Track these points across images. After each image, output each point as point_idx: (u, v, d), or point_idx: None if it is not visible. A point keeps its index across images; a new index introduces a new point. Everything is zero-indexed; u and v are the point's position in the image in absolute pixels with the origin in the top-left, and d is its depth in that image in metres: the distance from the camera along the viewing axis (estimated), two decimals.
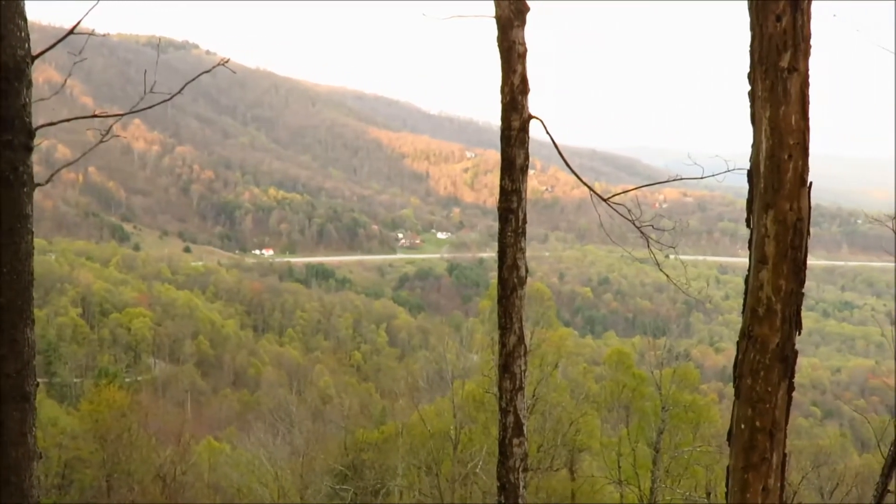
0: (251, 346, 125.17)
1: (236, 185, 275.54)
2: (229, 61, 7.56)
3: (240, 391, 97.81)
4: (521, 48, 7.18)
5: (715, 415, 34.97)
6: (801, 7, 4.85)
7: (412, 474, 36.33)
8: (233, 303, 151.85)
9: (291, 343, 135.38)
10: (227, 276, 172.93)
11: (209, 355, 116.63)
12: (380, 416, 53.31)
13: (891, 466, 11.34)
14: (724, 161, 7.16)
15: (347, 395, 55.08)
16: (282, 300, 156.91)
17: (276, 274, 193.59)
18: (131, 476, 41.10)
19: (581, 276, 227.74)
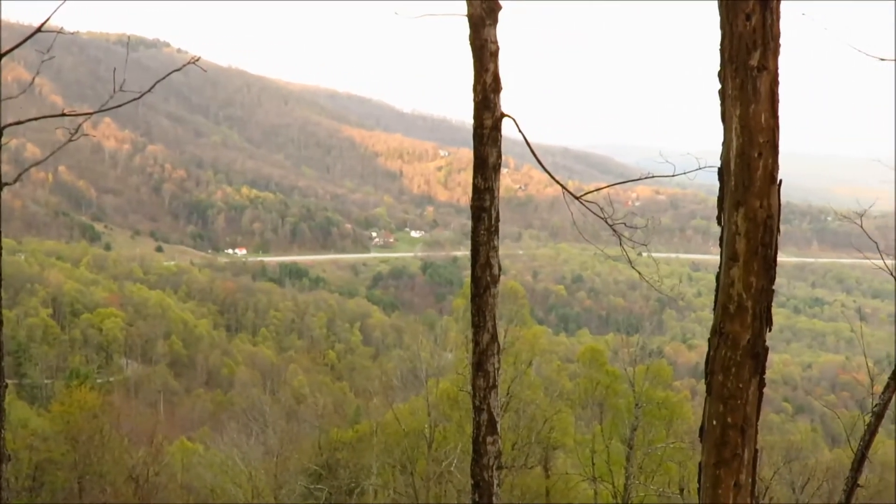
0: (224, 345, 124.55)
1: (208, 184, 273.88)
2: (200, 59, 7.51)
3: (213, 391, 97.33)
4: (493, 46, 7.18)
5: (688, 411, 35.19)
6: (771, 6, 4.88)
7: (387, 473, 36.29)
8: (206, 302, 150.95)
9: (265, 343, 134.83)
10: (199, 275, 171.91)
11: (182, 355, 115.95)
12: (354, 416, 53.23)
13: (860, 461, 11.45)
14: (696, 159, 7.20)
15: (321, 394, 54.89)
16: (255, 300, 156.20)
17: (249, 273, 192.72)
18: (103, 477, 40.80)
19: (554, 273, 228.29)
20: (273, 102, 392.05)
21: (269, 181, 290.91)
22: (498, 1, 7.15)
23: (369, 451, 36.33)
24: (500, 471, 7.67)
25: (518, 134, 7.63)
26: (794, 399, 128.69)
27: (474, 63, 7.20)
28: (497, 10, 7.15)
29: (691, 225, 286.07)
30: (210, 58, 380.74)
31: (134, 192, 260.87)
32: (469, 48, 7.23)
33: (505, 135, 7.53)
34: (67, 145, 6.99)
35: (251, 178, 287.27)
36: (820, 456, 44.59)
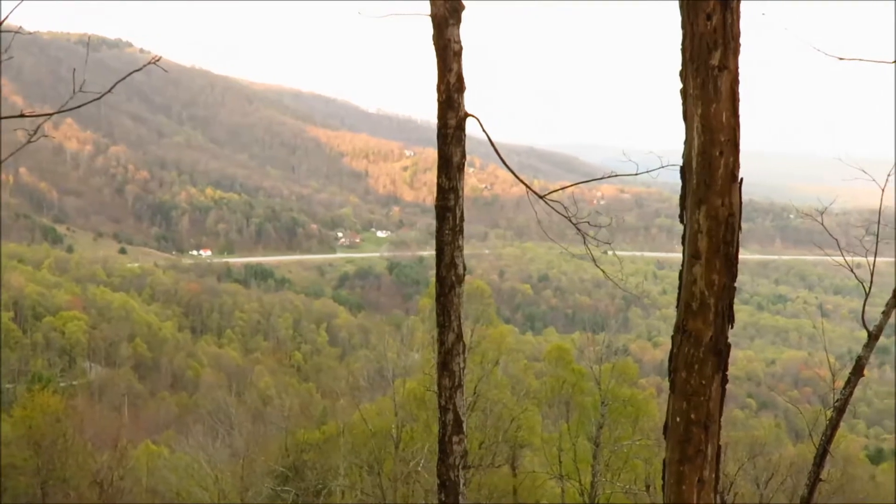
0: (189, 347, 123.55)
1: (172, 185, 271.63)
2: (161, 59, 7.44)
3: (178, 394, 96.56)
4: (456, 46, 7.19)
5: (653, 408, 35.45)
6: (731, 6, 4.93)
7: (354, 474, 36.20)
8: (170, 304, 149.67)
9: (230, 344, 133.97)
10: (163, 277, 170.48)
11: (146, 358, 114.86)
12: (321, 417, 53.02)
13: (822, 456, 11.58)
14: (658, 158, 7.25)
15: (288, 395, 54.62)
16: (220, 301, 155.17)
17: (214, 275, 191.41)
18: (67, 482, 40.38)
19: (521, 273, 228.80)
20: (237, 102, 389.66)
21: (234, 182, 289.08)
22: (461, 1, 7.16)
23: (336, 452, 36.22)
24: (467, 470, 7.68)
25: (483, 133, 7.64)
26: (758, 395, 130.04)
27: (438, 63, 7.20)
28: (460, 10, 7.16)
29: (656, 223, 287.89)
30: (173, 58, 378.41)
31: (96, 193, 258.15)
32: (433, 48, 7.24)
33: (470, 134, 7.54)
34: (28, 147, 6.89)
35: (215, 179, 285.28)
36: (783, 451, 45.11)
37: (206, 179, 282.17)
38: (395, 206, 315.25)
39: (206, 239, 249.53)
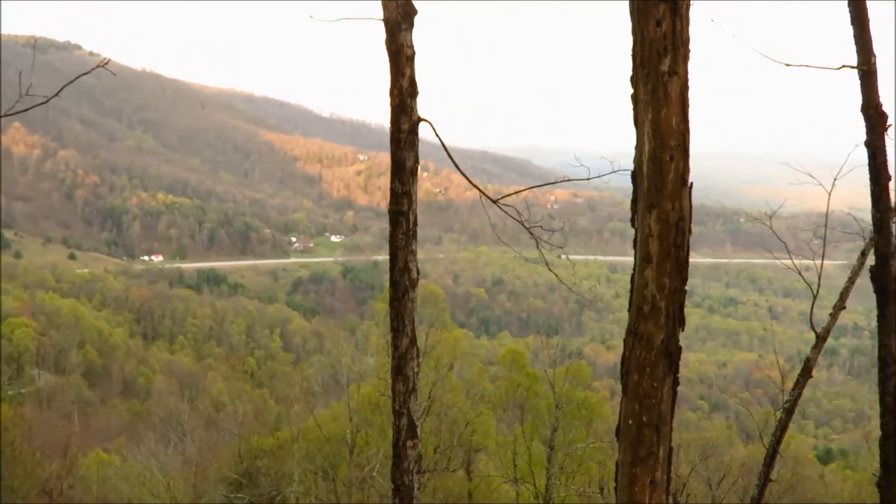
0: (141, 354, 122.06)
1: (123, 190, 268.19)
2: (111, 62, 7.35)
3: (129, 401, 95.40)
4: (409, 51, 7.20)
5: (607, 411, 35.68)
6: (680, 12, 4.98)
7: (308, 480, 35.98)
8: (121, 310, 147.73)
9: (183, 350, 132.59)
10: (114, 283, 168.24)
11: (97, 365, 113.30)
12: (275, 423, 52.69)
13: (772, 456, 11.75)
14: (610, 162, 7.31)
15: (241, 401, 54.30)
16: (172, 307, 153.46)
17: (165, 280, 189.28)
18: (15, 492, 39.62)
19: (475, 277, 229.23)
20: (189, 106, 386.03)
21: (186, 186, 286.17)
22: (413, 5, 7.17)
23: (290, 458, 36.00)
24: (422, 474, 7.68)
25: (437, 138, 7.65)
26: (710, 397, 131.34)
27: (391, 67, 7.21)
28: (413, 15, 7.17)
29: (609, 227, 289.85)
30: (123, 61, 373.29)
31: (45, 198, 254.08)
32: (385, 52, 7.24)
33: (424, 139, 7.55)
34: None
35: (167, 184, 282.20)
36: (735, 452, 45.59)
37: (157, 184, 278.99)
38: (349, 210, 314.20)
39: (158, 244, 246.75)
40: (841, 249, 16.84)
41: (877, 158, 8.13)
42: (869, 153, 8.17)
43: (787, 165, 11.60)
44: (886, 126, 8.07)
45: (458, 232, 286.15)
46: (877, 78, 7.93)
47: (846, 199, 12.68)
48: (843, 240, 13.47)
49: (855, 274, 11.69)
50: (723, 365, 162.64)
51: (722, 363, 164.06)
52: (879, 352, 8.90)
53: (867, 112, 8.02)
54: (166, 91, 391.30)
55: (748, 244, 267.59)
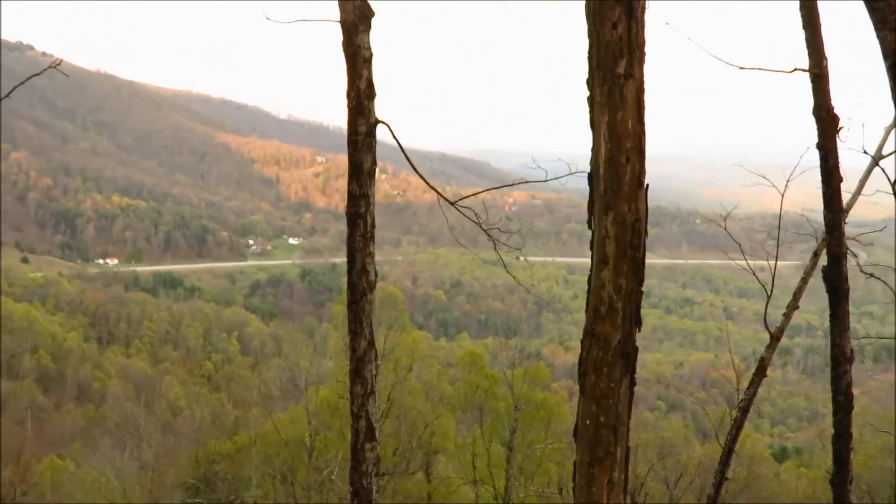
0: (96, 358, 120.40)
1: (77, 192, 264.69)
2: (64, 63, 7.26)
3: (84, 406, 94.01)
4: (366, 53, 7.18)
5: (565, 412, 35.88)
6: (635, 15, 5.01)
7: (266, 484, 35.79)
8: (75, 314, 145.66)
9: (139, 354, 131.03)
10: (68, 286, 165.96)
11: (50, 370, 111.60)
12: (232, 427, 52.29)
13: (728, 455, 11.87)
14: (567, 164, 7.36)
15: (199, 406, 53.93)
16: (128, 310, 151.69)
17: (121, 283, 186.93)
18: None
19: (434, 278, 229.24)
20: (144, 108, 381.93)
21: (141, 189, 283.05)
22: (371, 7, 7.16)
23: (248, 463, 35.79)
24: (380, 477, 7.66)
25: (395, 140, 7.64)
26: (667, 397, 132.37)
27: (348, 69, 7.19)
28: (370, 16, 7.16)
29: (566, 229, 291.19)
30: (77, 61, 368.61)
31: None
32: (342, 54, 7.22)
33: (383, 140, 7.55)
34: None
35: (122, 186, 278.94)
36: (692, 451, 46.03)
37: (112, 186, 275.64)
38: (307, 212, 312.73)
39: (113, 247, 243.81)
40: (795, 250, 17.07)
41: (828, 160, 8.24)
42: (821, 155, 8.29)
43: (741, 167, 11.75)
44: (838, 129, 8.19)
45: (416, 234, 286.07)
46: (828, 81, 8.04)
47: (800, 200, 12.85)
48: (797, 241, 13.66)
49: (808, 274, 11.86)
50: (679, 365, 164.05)
51: (679, 363, 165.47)
52: (832, 351, 9.02)
53: (819, 115, 8.13)
54: (121, 92, 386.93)
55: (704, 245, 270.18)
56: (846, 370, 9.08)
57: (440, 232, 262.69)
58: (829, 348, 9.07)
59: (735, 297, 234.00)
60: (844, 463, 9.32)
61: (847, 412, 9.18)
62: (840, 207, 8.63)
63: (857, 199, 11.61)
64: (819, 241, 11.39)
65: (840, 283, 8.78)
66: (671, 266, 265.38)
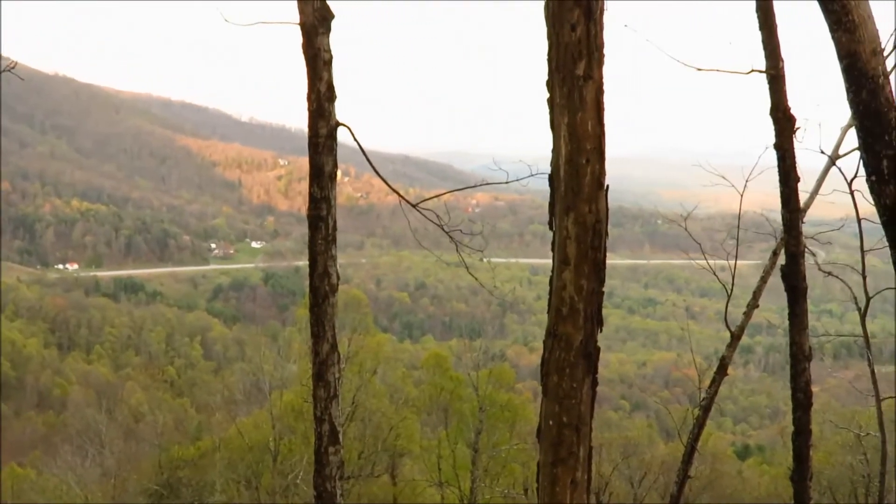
0: (56, 365, 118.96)
1: (35, 197, 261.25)
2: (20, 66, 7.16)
3: (45, 413, 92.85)
4: (326, 55, 7.16)
5: (530, 413, 35.98)
6: (594, 17, 5.04)
7: (231, 489, 35.58)
8: (35, 320, 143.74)
9: (100, 360, 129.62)
10: (27, 292, 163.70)
11: (10, 377, 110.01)
12: (196, 432, 51.91)
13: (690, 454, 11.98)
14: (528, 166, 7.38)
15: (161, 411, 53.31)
16: (88, 316, 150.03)
17: (81, 289, 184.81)
18: None
19: (398, 281, 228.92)
20: (103, 111, 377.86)
21: (101, 193, 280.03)
22: (331, 9, 7.14)
23: (212, 468, 35.53)
24: (345, 481, 7.65)
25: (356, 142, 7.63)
26: (631, 396, 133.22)
27: (308, 72, 7.16)
28: (330, 19, 7.13)
29: (530, 230, 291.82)
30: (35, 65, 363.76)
31: None
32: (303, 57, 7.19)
33: (346, 143, 7.53)
34: None
35: (81, 190, 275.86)
36: (656, 450, 46.36)
37: (71, 191, 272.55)
38: (269, 215, 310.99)
39: (73, 252, 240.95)
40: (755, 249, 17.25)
41: (785, 161, 8.33)
42: (778, 155, 8.37)
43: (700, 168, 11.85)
44: (795, 129, 8.28)
45: (380, 236, 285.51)
46: (785, 82, 8.13)
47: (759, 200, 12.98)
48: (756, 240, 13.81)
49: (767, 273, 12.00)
50: (643, 364, 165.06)
51: (642, 363, 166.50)
52: (791, 349, 9.12)
53: (776, 115, 8.22)
54: (79, 96, 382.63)
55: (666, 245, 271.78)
56: (805, 368, 9.18)
57: (404, 234, 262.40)
58: (789, 346, 9.17)
59: (697, 297, 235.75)
60: (804, 459, 9.43)
61: (806, 409, 9.29)
62: (797, 207, 8.73)
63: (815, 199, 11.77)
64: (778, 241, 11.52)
65: (798, 282, 8.88)
66: (634, 266, 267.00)
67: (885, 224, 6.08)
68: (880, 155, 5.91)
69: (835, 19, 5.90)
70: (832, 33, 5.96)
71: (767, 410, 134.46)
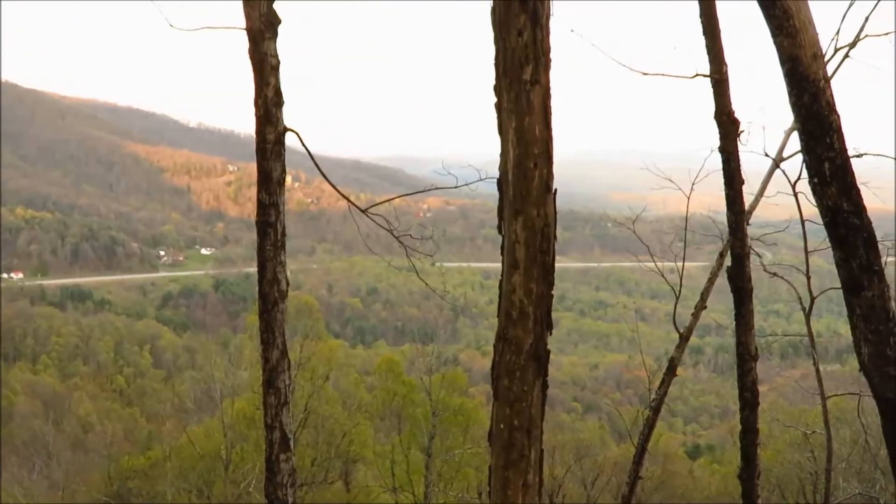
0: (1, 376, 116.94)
1: None
2: None
3: None
4: (273, 60, 7.12)
5: (483, 416, 36.04)
6: (541, 22, 5.08)
7: (182, 499, 35.16)
8: None
9: (47, 370, 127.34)
10: None
11: None
12: (146, 441, 51.26)
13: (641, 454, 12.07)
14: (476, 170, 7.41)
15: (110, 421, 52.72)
16: (34, 325, 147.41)
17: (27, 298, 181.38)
18: None
19: (350, 286, 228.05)
20: (48, 117, 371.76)
21: (47, 200, 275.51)
22: (277, 14, 7.10)
23: (163, 478, 35.11)
24: (297, 488, 7.60)
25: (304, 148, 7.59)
26: (583, 398, 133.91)
27: (255, 77, 7.12)
28: (276, 24, 7.10)
29: (481, 234, 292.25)
30: None
31: None
32: None
33: (297, 148, 7.49)
34: None
35: (26, 198, 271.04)
36: (608, 452, 46.69)
37: (15, 198, 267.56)
38: (219, 222, 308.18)
39: (18, 261, 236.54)
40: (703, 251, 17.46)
41: (730, 163, 8.44)
42: (723, 158, 8.48)
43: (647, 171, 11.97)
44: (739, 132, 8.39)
45: (331, 242, 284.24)
46: (729, 86, 8.24)
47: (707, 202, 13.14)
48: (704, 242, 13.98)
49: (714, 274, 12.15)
50: (595, 367, 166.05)
51: (594, 365, 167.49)
52: (737, 349, 9.24)
53: (720, 119, 8.32)
54: (24, 102, 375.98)
55: (616, 248, 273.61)
56: (751, 367, 9.31)
57: (355, 239, 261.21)
58: (735, 346, 9.29)
59: (647, 299, 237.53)
60: (752, 458, 9.56)
61: (753, 408, 9.42)
62: (742, 209, 8.85)
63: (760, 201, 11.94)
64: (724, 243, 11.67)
65: (744, 283, 8.99)
66: (585, 269, 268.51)
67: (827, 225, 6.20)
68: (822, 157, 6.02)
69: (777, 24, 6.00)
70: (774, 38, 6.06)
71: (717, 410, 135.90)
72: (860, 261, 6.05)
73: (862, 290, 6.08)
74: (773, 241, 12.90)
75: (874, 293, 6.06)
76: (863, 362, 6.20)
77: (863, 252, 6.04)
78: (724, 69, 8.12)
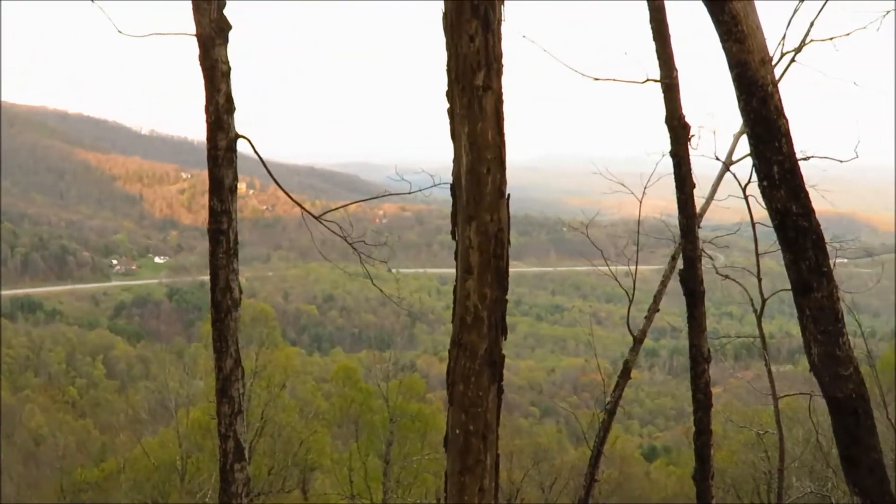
0: None
1: None
2: None
3: None
4: (224, 67, 7.06)
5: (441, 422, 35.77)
6: (492, 28, 5.09)
7: None
8: None
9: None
10: None
11: None
12: (99, 453, 50.53)
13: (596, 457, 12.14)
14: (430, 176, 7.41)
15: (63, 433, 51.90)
16: None
17: None
18: None
19: (306, 293, 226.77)
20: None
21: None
22: (228, 20, 7.04)
23: (117, 490, 34.68)
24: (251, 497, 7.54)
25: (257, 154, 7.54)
26: (541, 402, 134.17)
27: (205, 84, 7.05)
28: (227, 30, 7.04)
29: (437, 240, 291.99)
30: None
31: None
32: None
33: (251, 155, 7.44)
34: None
35: None
36: (566, 455, 46.92)
37: None
38: (172, 230, 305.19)
39: None
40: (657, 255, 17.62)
41: (681, 167, 8.52)
42: (674, 162, 8.56)
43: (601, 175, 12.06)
44: (689, 136, 8.48)
45: (286, 249, 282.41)
46: (679, 91, 8.32)
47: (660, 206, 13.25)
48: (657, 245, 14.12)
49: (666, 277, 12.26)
50: (551, 371, 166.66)
51: (551, 369, 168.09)
52: (691, 351, 9.32)
53: (671, 123, 8.40)
54: None
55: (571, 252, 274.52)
56: (704, 369, 9.40)
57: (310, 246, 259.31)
58: (689, 349, 9.37)
59: (603, 303, 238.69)
60: (706, 459, 9.65)
61: (707, 410, 9.52)
62: (693, 213, 8.93)
63: (711, 204, 12.07)
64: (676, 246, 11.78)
65: (696, 286, 9.08)
66: (541, 274, 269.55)
67: (776, 227, 6.27)
68: (771, 161, 6.09)
69: (725, 30, 6.06)
70: (723, 44, 6.12)
71: (673, 412, 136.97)
72: (809, 263, 6.12)
73: (811, 292, 6.15)
74: (725, 243, 13.06)
75: (823, 294, 6.14)
76: (813, 363, 6.28)
77: (812, 254, 6.11)
78: (674, 74, 8.20)
